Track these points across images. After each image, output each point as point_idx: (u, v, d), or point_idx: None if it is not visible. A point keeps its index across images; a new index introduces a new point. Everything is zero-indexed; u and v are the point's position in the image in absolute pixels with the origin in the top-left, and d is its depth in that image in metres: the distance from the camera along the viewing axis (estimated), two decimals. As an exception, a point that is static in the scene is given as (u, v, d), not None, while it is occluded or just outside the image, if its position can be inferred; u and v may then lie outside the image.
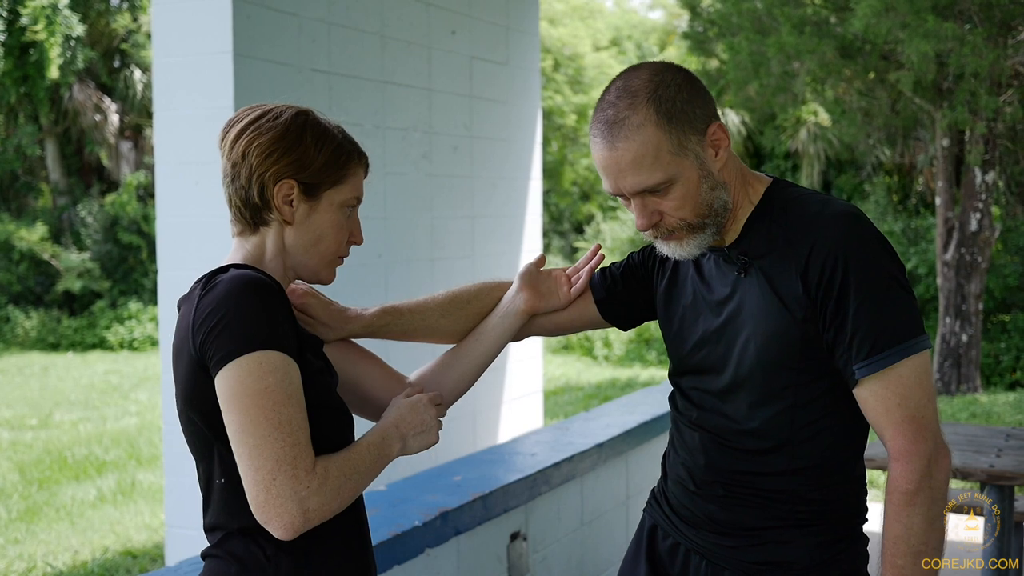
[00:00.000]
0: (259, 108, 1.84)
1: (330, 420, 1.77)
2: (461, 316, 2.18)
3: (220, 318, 1.63)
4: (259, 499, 1.60)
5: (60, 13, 20.22)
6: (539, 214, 6.77)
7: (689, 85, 1.87)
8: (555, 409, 11.64)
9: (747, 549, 1.96)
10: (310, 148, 1.81)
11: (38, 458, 9.78)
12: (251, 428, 1.60)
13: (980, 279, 12.73)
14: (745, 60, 12.52)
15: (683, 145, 1.83)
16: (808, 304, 1.82)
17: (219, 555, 1.75)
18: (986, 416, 9.86)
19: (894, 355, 1.77)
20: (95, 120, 22.40)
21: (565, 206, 24.55)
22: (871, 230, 1.83)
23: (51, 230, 21.78)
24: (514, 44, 6.45)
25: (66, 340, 20.00)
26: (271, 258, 1.83)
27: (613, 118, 1.83)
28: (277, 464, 1.59)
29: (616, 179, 1.85)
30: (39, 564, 6.51)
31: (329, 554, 1.78)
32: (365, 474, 1.72)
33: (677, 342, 2.08)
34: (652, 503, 2.22)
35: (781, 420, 1.90)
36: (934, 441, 1.77)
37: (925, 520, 1.76)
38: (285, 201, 1.80)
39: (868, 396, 1.80)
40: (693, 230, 1.89)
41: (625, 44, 27.68)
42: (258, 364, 1.61)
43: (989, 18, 11.08)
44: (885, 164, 18.60)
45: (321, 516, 1.63)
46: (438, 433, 1.89)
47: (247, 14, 4.42)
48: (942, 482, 1.78)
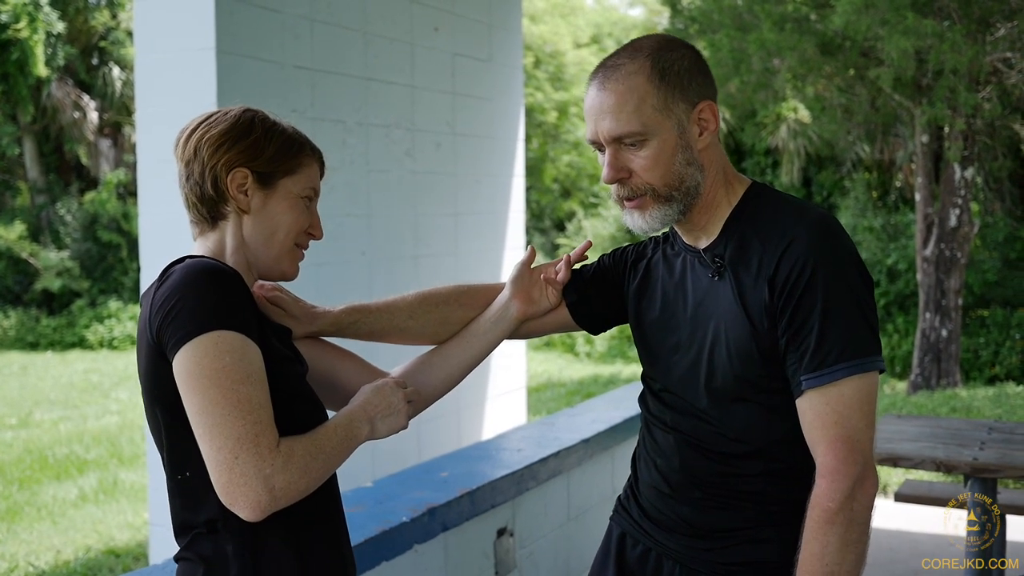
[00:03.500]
0: (208, 111, 1.88)
1: (300, 409, 1.76)
2: (430, 319, 2.15)
3: (175, 303, 1.63)
4: (222, 480, 1.57)
5: (41, 10, 20.10)
6: (522, 211, 6.77)
7: (694, 60, 1.89)
8: (538, 406, 11.66)
9: (722, 551, 1.96)
10: (260, 137, 1.82)
11: (18, 458, 9.72)
12: (210, 408, 1.58)
13: (959, 275, 12.80)
14: (726, 57, 12.54)
15: (668, 106, 1.84)
16: (773, 310, 1.82)
17: (188, 557, 1.74)
18: (966, 411, 9.92)
19: (839, 372, 1.76)
20: (74, 118, 22.28)
21: (546, 203, 24.54)
22: (845, 244, 1.83)
23: (30, 228, 21.65)
24: (497, 41, 6.44)
25: (45, 339, 19.89)
26: (232, 253, 1.83)
27: (612, 64, 1.87)
28: (238, 443, 1.56)
29: (597, 120, 1.86)
30: (21, 564, 6.47)
31: (301, 549, 1.75)
32: (332, 455, 1.70)
33: (650, 347, 2.06)
34: (619, 510, 2.19)
35: (758, 424, 1.90)
36: (863, 464, 1.76)
37: (842, 541, 1.74)
38: (240, 190, 1.81)
39: (807, 409, 1.80)
40: (659, 199, 1.87)
41: (605, 41, 27.69)
42: (214, 344, 1.60)
43: (968, 15, 11.15)
44: (865, 160, 18.67)
45: (289, 496, 1.60)
46: (407, 416, 1.87)
47: (230, 11, 4.40)
48: (864, 506, 1.76)
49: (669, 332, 2.00)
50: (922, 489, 4.92)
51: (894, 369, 15.26)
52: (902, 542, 5.65)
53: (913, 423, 4.90)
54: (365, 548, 2.89)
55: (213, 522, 1.69)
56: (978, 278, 15.23)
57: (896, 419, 5.01)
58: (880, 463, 4.22)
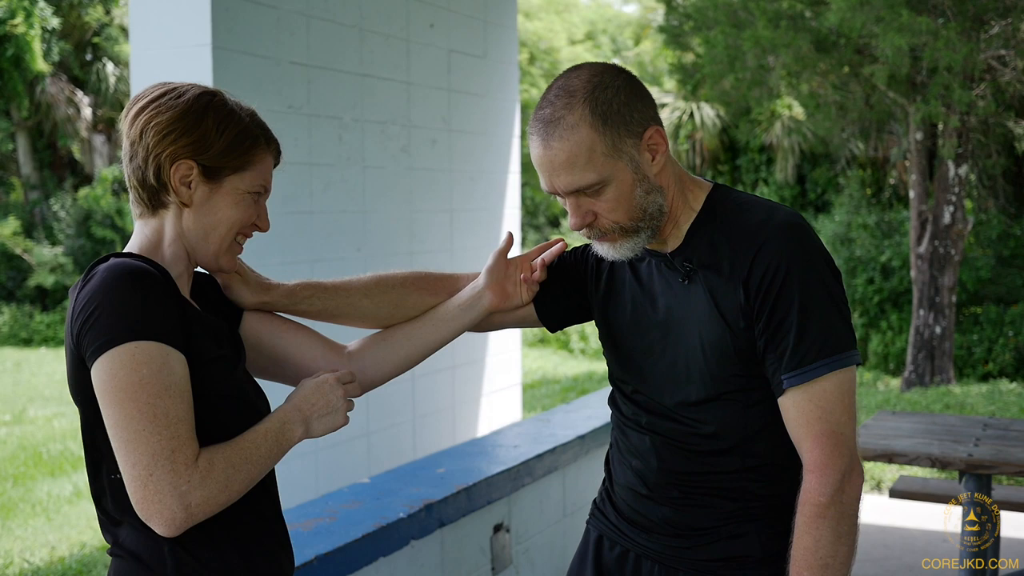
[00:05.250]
0: (165, 86, 1.76)
1: (228, 409, 1.71)
2: (385, 300, 2.11)
3: (94, 309, 1.57)
4: (137, 495, 1.54)
5: (37, 5, 20.06)
6: (518, 208, 6.78)
7: (629, 88, 1.86)
8: (533, 402, 11.66)
9: (701, 548, 1.97)
10: (211, 130, 1.72)
11: (12, 454, 9.71)
12: (125, 422, 1.53)
13: (953, 272, 12.84)
14: (720, 54, 12.57)
15: (617, 147, 1.82)
16: (749, 312, 1.84)
17: (120, 554, 1.69)
18: (959, 407, 9.94)
19: (820, 368, 1.78)
20: (68, 114, 22.24)
21: (541, 199, 24.56)
22: (815, 243, 1.85)
23: (23, 224, 21.61)
24: (492, 38, 6.45)
25: (39, 335, 19.85)
26: (170, 243, 1.75)
27: (549, 117, 1.83)
28: (153, 459, 1.52)
29: (551, 177, 1.85)
30: (16, 560, 6.47)
31: (236, 544, 1.72)
32: (259, 463, 1.65)
33: (621, 350, 2.07)
34: (596, 513, 2.20)
35: (734, 422, 1.92)
36: (850, 457, 1.79)
37: (834, 534, 1.77)
38: (183, 183, 1.72)
39: (790, 406, 1.82)
40: (627, 233, 1.89)
41: (600, 38, 27.73)
42: (131, 356, 1.54)
43: (962, 12, 11.17)
44: (859, 157, 18.72)
45: (206, 511, 1.57)
46: (346, 415, 1.82)
47: (226, 7, 4.40)
48: (853, 498, 1.79)
49: (640, 336, 2.01)
50: (916, 485, 4.93)
51: (888, 366, 15.30)
52: (896, 538, 5.66)
53: (908, 420, 4.91)
54: (362, 543, 2.90)
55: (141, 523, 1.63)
56: (972, 275, 15.26)
57: (891, 416, 5.03)
58: (875, 459, 4.23)
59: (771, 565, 1.91)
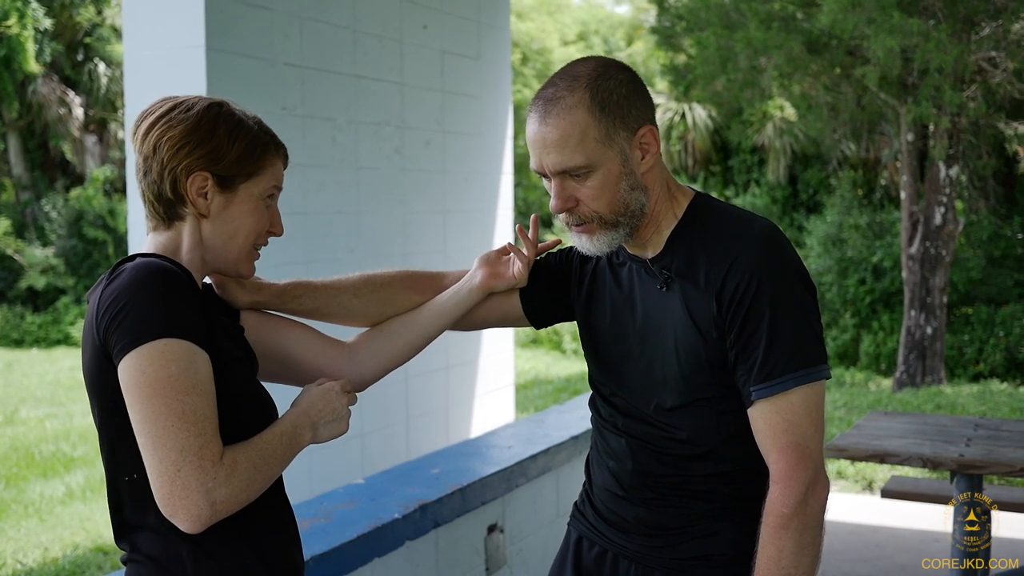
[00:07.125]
0: (171, 100, 1.80)
1: (249, 409, 1.74)
2: (374, 299, 2.13)
3: (123, 306, 1.59)
4: (164, 491, 1.56)
5: (29, 5, 20.01)
6: (511, 208, 6.79)
7: (631, 84, 1.90)
8: (526, 403, 11.67)
9: (675, 547, 2.00)
10: (223, 141, 1.77)
11: (5, 455, 9.69)
12: (153, 418, 1.56)
13: (944, 272, 12.88)
14: (713, 55, 12.59)
15: (610, 136, 1.85)
16: (721, 323, 1.87)
17: (137, 559, 1.70)
18: (951, 407, 9.99)
19: (788, 382, 1.81)
20: (59, 114, 22.18)
21: (534, 200, 24.58)
22: (790, 256, 1.88)
23: (14, 225, 21.55)
24: (485, 39, 6.45)
25: (30, 336, 19.81)
26: (187, 252, 1.79)
27: (551, 96, 1.87)
28: (181, 455, 1.55)
29: (541, 155, 1.88)
30: (9, 561, 6.46)
31: (251, 544, 1.74)
32: (276, 463, 1.69)
33: (600, 354, 2.09)
34: (576, 514, 2.23)
35: (708, 428, 1.95)
36: (815, 470, 1.82)
37: (797, 544, 1.79)
38: (199, 194, 1.76)
39: (758, 418, 1.85)
40: (605, 225, 1.91)
41: (592, 39, 27.75)
42: (160, 353, 1.57)
43: (953, 14, 11.21)
44: (851, 158, 18.76)
45: (230, 507, 1.60)
46: (348, 422, 1.87)
47: (219, 8, 4.40)
48: (817, 510, 1.82)
49: (619, 341, 2.04)
50: (908, 485, 4.95)
51: (879, 366, 15.33)
52: (888, 538, 5.69)
53: (899, 420, 4.93)
54: (357, 544, 2.91)
55: (160, 526, 1.66)
56: (963, 276, 15.31)
57: (883, 416, 5.05)
58: (867, 460, 4.25)
59: (743, 564, 1.93)
